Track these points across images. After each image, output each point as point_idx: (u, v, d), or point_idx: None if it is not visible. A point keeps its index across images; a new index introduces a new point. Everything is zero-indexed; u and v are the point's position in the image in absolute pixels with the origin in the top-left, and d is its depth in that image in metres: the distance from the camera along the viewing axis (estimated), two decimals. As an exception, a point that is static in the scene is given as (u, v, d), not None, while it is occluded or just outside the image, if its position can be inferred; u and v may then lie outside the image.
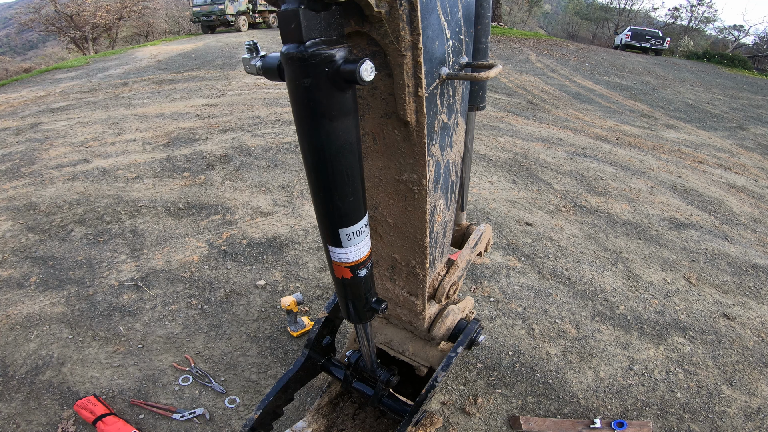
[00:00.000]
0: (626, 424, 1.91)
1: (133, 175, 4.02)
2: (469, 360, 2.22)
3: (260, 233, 3.18)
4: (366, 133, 1.05)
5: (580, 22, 40.15)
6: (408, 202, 1.13)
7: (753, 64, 23.62)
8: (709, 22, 36.93)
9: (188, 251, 2.95)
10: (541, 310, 2.62)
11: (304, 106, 0.72)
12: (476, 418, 1.94)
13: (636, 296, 2.84)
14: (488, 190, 4.19)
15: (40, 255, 2.88)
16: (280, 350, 2.22)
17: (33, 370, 2.08)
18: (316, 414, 1.72)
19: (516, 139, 5.91)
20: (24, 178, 3.98)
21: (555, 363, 2.25)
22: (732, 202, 4.69)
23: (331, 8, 0.67)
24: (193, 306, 2.49)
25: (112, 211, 3.40)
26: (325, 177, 0.80)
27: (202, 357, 2.17)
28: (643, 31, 21.63)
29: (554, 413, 2.00)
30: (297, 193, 3.78)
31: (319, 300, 2.58)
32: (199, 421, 1.86)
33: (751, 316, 2.76)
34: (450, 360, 1.51)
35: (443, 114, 1.04)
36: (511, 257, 3.12)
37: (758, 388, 2.22)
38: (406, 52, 0.81)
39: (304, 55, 0.65)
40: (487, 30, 1.11)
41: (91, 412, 1.80)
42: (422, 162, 1.02)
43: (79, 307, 2.45)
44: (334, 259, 0.95)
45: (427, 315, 1.48)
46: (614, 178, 4.86)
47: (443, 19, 0.90)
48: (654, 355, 2.37)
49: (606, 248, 3.39)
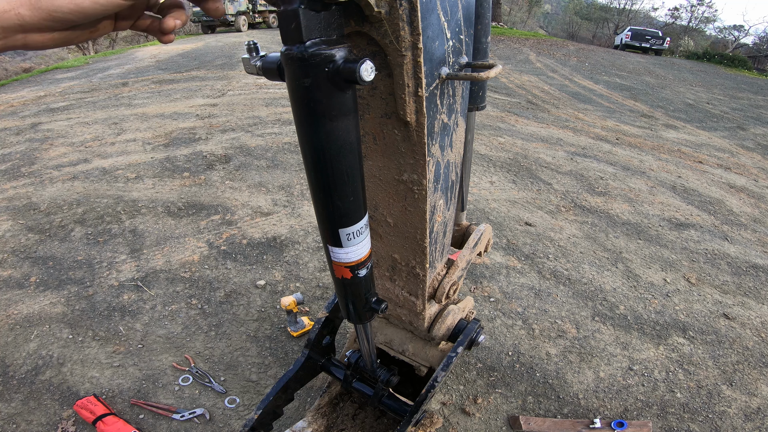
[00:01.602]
0: (626, 424, 1.91)
1: (133, 175, 4.02)
2: (469, 360, 2.22)
3: (260, 233, 3.18)
4: (366, 133, 1.05)
5: (580, 22, 40.19)
6: (408, 202, 1.13)
7: (753, 64, 23.65)
8: (709, 22, 37.01)
9: (188, 251, 2.95)
10: (541, 310, 2.62)
11: (304, 106, 0.71)
12: (476, 418, 1.94)
13: (636, 296, 2.84)
14: (488, 190, 4.19)
15: (40, 255, 2.88)
16: (280, 350, 2.22)
17: (33, 370, 2.08)
18: (316, 414, 1.72)
19: (516, 139, 5.91)
20: (24, 178, 3.98)
21: (555, 363, 2.25)
22: (732, 202, 4.69)
23: (331, 8, 0.67)
24: (193, 306, 2.49)
25: (112, 211, 3.40)
26: (325, 177, 0.79)
27: (202, 357, 2.17)
28: (643, 31, 21.67)
29: (554, 413, 2.00)
30: (297, 193, 3.78)
31: (319, 300, 2.58)
32: (199, 421, 1.86)
33: (751, 316, 2.76)
34: (450, 360, 1.51)
35: (443, 114, 1.04)
36: (511, 257, 3.12)
37: (758, 388, 2.22)
38: (406, 52, 0.81)
39: (304, 55, 0.65)
40: (487, 30, 1.11)
41: (91, 412, 1.80)
42: (422, 162, 1.01)
43: (79, 307, 2.45)
44: (334, 259, 0.95)
45: (427, 315, 1.48)
46: (614, 178, 4.86)
47: (443, 19, 0.89)
48: (654, 355, 2.37)
49: (606, 248, 3.39)
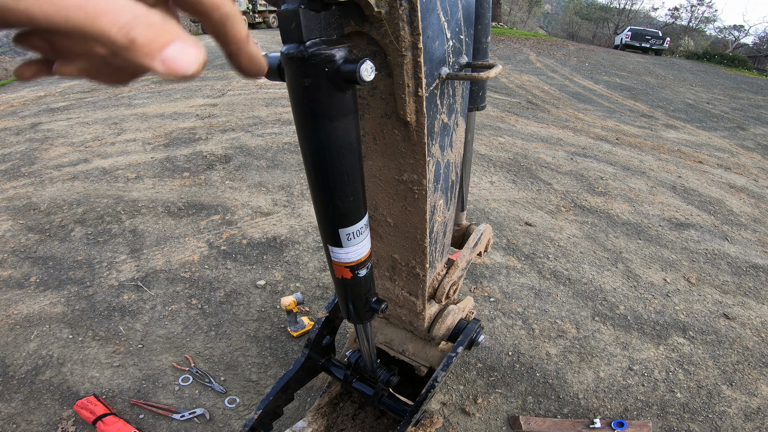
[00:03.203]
0: (626, 424, 1.91)
1: (133, 175, 4.02)
2: (469, 360, 2.22)
3: (260, 233, 3.18)
4: (366, 133, 1.05)
5: (580, 22, 40.21)
6: (408, 202, 1.13)
7: (753, 64, 23.65)
8: (709, 22, 37.01)
9: (188, 251, 2.95)
10: (541, 310, 2.62)
11: (304, 106, 0.71)
12: (476, 418, 1.94)
13: (636, 296, 2.84)
14: (488, 190, 4.19)
15: (40, 255, 2.88)
16: (280, 350, 2.22)
17: (33, 370, 2.08)
18: (316, 414, 1.72)
19: (516, 139, 5.91)
20: (24, 178, 3.98)
21: (555, 363, 2.25)
22: (732, 202, 4.69)
23: (331, 8, 0.67)
24: (193, 306, 2.49)
25: (112, 211, 3.40)
26: (325, 177, 0.79)
27: (202, 357, 2.17)
28: (643, 31, 21.68)
29: (554, 413, 2.00)
30: (297, 193, 3.78)
31: (319, 300, 2.58)
32: (199, 421, 1.86)
33: (751, 316, 2.76)
34: (450, 360, 1.51)
35: (443, 114, 1.04)
36: (511, 257, 3.12)
37: (758, 388, 2.22)
38: (406, 52, 0.81)
39: (304, 55, 0.65)
40: (487, 30, 1.11)
41: (91, 412, 1.80)
42: (422, 162, 1.01)
43: (79, 307, 2.45)
44: (334, 259, 0.95)
45: (427, 315, 1.48)
46: (614, 178, 4.86)
47: (443, 19, 0.89)
48: (654, 355, 2.37)
49: (606, 248, 3.39)
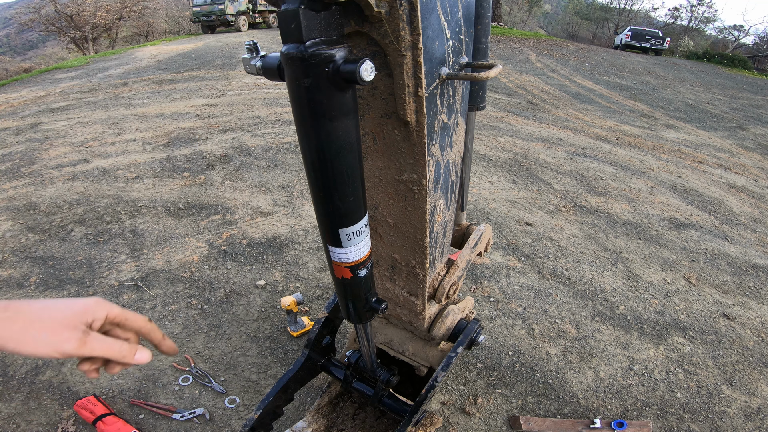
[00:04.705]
0: (626, 424, 1.91)
1: (133, 175, 4.02)
2: (469, 360, 2.22)
3: (260, 233, 3.18)
4: (366, 133, 1.05)
5: (580, 22, 40.18)
6: (408, 202, 1.13)
7: (753, 64, 23.64)
8: (709, 22, 36.98)
9: (188, 251, 2.95)
10: (541, 310, 2.62)
11: (304, 106, 0.71)
12: (476, 418, 1.94)
13: (636, 296, 2.84)
14: (488, 190, 4.19)
15: (40, 255, 2.88)
16: (280, 350, 2.22)
17: (33, 370, 2.08)
18: (316, 414, 1.72)
19: (516, 139, 5.91)
20: (24, 178, 3.98)
21: (555, 363, 2.25)
22: (732, 202, 4.69)
23: (331, 8, 0.67)
24: (193, 306, 2.49)
25: (112, 211, 3.40)
26: (325, 177, 0.80)
27: (202, 357, 2.17)
28: (643, 31, 21.66)
29: (554, 413, 2.00)
30: (297, 193, 3.78)
31: (319, 300, 2.58)
32: (199, 421, 1.86)
33: (751, 316, 2.76)
34: (450, 360, 1.51)
35: (443, 114, 1.04)
36: (511, 257, 3.12)
37: (758, 388, 2.22)
38: (406, 52, 0.81)
39: (304, 55, 0.65)
40: (487, 30, 1.11)
41: (91, 412, 1.80)
42: (422, 162, 1.01)
43: (79, 307, 2.45)
44: (334, 259, 0.95)
45: (427, 315, 1.48)
46: (614, 178, 4.86)
47: (443, 19, 0.90)
48: (654, 355, 2.37)
49: (606, 248, 3.39)
